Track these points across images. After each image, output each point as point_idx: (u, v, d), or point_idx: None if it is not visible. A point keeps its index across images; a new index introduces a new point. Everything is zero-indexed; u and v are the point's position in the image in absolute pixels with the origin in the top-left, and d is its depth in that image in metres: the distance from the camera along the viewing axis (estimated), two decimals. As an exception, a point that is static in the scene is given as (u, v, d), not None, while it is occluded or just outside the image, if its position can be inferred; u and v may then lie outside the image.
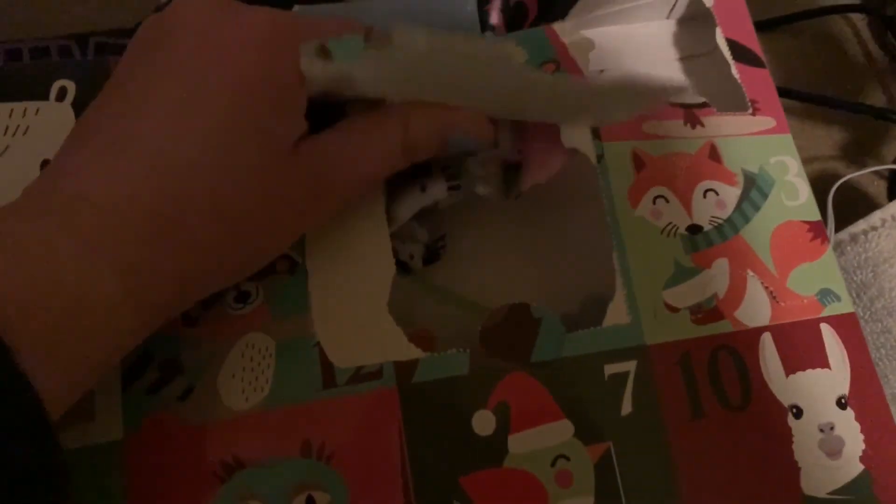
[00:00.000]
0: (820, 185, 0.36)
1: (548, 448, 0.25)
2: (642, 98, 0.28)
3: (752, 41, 0.33)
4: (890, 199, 0.41)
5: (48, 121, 0.27)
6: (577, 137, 0.28)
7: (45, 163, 0.27)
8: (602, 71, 0.34)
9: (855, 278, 0.34)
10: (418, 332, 0.28)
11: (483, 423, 0.25)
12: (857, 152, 0.42)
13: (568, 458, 0.25)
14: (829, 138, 0.42)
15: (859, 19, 0.45)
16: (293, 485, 0.24)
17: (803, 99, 0.40)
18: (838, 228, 0.36)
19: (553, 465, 0.25)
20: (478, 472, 0.25)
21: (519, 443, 0.25)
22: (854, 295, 0.34)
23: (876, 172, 0.42)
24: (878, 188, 0.42)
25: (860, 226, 0.34)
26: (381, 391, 0.25)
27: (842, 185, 0.38)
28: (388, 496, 0.24)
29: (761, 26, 0.43)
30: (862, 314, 0.33)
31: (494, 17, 0.35)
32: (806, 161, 0.40)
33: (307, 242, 0.26)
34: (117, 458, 0.23)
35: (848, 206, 0.37)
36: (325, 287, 0.26)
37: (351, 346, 0.25)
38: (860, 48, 0.44)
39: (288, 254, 0.26)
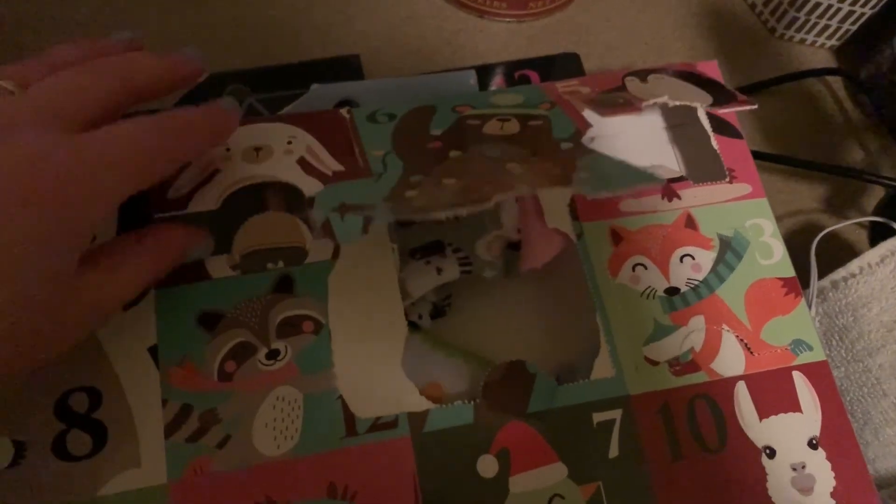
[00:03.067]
0: (804, 237, 0.39)
1: (544, 488, 0.28)
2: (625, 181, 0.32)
3: (730, 114, 0.36)
4: (871, 247, 0.44)
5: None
6: (558, 219, 0.32)
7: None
8: (592, 138, 0.38)
9: (837, 322, 0.36)
10: (429, 386, 0.31)
11: (487, 466, 0.29)
12: (839, 205, 0.45)
13: (563, 497, 0.28)
14: (812, 192, 0.45)
15: (836, 82, 0.48)
16: (320, 523, 0.27)
17: (783, 162, 0.43)
18: (823, 275, 0.38)
19: (549, 503, 0.28)
20: (482, 510, 0.28)
21: (519, 484, 0.28)
22: (837, 338, 0.36)
23: (857, 223, 0.45)
24: (860, 237, 0.45)
25: (840, 273, 0.37)
26: (397, 439, 0.28)
27: (826, 235, 0.41)
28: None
29: (748, 90, 0.47)
30: (844, 355, 0.36)
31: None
32: (790, 214, 0.43)
33: (330, 307, 0.30)
34: (162, 500, 0.27)
35: (832, 255, 0.40)
36: (346, 346, 0.29)
37: (370, 398, 0.29)
38: (838, 108, 0.47)
39: (313, 316, 0.30)
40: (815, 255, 0.38)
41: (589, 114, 0.34)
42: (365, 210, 0.29)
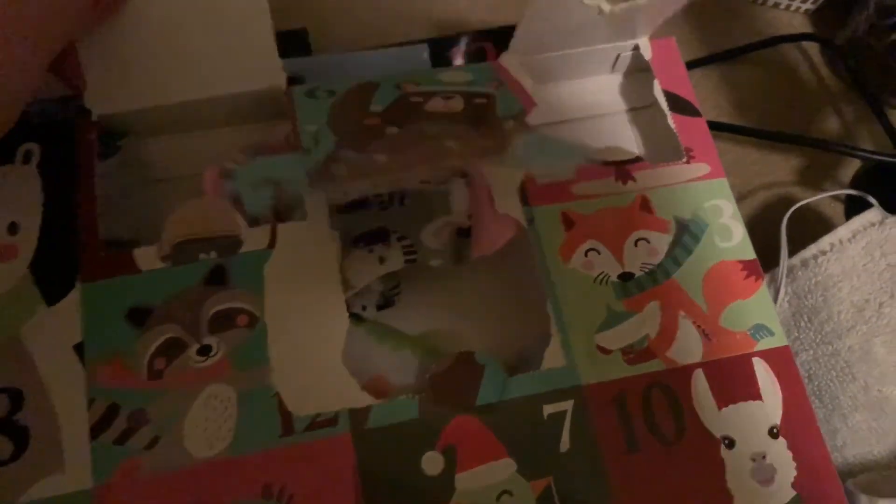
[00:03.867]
0: (778, 211, 0.37)
1: (493, 485, 0.27)
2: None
3: (688, 92, 0.35)
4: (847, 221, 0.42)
5: (14, 183, 0.30)
6: (508, 204, 0.31)
7: (12, 225, 0.29)
8: (550, 124, 0.36)
9: (806, 303, 0.35)
10: (374, 380, 0.30)
11: (432, 464, 0.27)
12: (815, 177, 0.43)
13: (511, 494, 0.27)
14: (786, 163, 0.43)
15: (812, 48, 0.46)
16: (255, 527, 0.26)
17: (754, 135, 0.41)
18: (796, 253, 0.37)
19: (498, 500, 0.27)
20: (427, 509, 0.27)
21: (466, 481, 0.27)
22: (805, 319, 0.35)
23: (833, 196, 0.43)
24: (836, 210, 0.43)
25: (811, 250, 0.36)
26: (337, 437, 0.27)
27: (801, 209, 0.39)
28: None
29: (721, 57, 0.45)
30: (813, 338, 0.34)
31: (458, 61, 0.37)
32: (764, 187, 0.42)
33: (266, 299, 0.28)
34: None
35: (807, 231, 0.38)
36: (282, 340, 0.28)
37: (308, 395, 0.28)
38: (814, 75, 0.46)
39: (247, 309, 0.28)
40: (789, 230, 0.36)
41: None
42: (284, 184, 0.28)
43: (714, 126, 0.41)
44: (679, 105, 0.34)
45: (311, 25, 0.38)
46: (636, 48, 0.35)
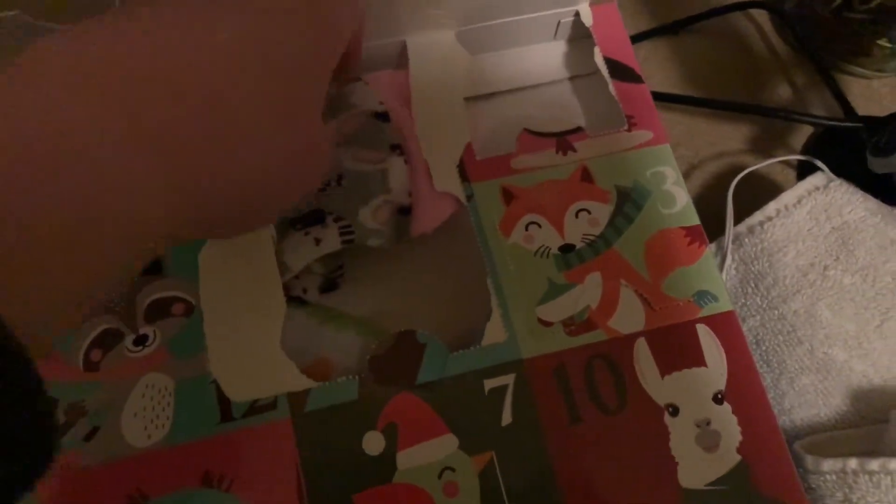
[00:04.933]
0: (728, 180, 0.37)
1: (434, 462, 0.27)
2: None
3: (630, 58, 0.34)
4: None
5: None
6: (447, 181, 0.31)
7: None
8: (493, 93, 0.36)
9: (753, 269, 0.35)
10: (317, 363, 0.30)
11: (373, 443, 0.27)
12: (765, 145, 0.43)
13: (454, 470, 0.27)
14: (737, 132, 0.43)
15: (761, 15, 0.46)
16: (195, 513, 0.26)
17: (702, 105, 0.41)
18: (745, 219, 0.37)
19: (440, 477, 0.27)
20: (370, 489, 0.27)
21: (407, 459, 0.27)
22: (752, 285, 0.35)
23: (786, 163, 0.43)
24: (788, 177, 0.43)
25: (757, 217, 0.36)
26: (276, 421, 0.27)
27: (753, 178, 0.39)
28: (289, 516, 0.26)
29: (667, 29, 0.45)
30: (760, 303, 0.34)
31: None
32: (715, 157, 0.42)
33: (201, 286, 0.28)
34: (27, 500, 0.25)
35: (758, 199, 0.38)
36: (219, 327, 0.28)
37: (246, 381, 0.27)
38: (764, 43, 0.45)
39: (183, 297, 0.28)
40: (742, 199, 0.36)
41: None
42: None
43: (663, 97, 0.41)
44: (621, 72, 0.34)
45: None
46: (577, 15, 0.35)
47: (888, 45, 0.42)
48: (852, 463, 0.28)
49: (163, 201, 0.19)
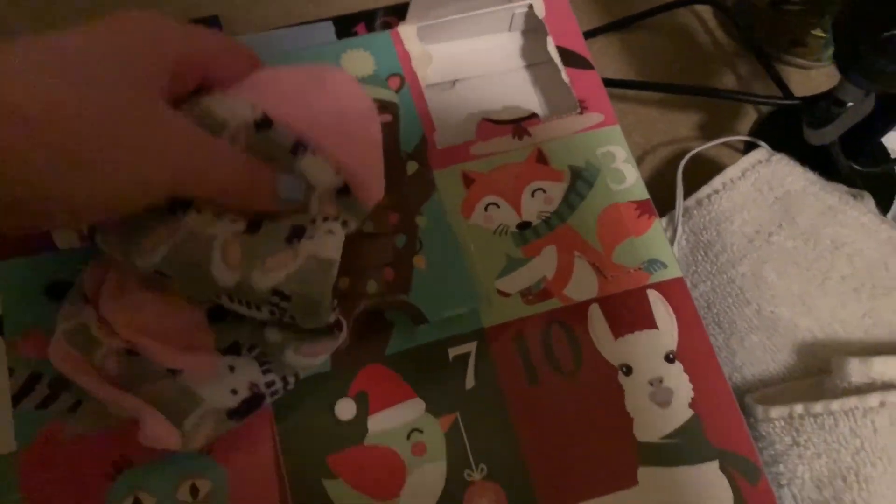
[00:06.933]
0: (680, 161, 0.39)
1: (403, 424, 0.29)
2: None
3: (581, 46, 0.37)
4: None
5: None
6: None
7: None
8: (454, 82, 0.38)
9: (702, 238, 0.37)
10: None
11: (345, 409, 0.29)
12: (713, 130, 0.45)
13: (421, 431, 0.29)
14: (687, 119, 0.45)
15: (706, 11, 0.49)
16: (177, 476, 0.27)
17: (650, 89, 0.44)
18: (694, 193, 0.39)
19: (408, 438, 0.29)
20: (342, 450, 0.28)
21: (377, 422, 0.29)
22: (702, 253, 0.37)
23: (729, 145, 0.45)
24: (735, 159, 0.45)
25: (705, 191, 0.38)
26: (253, 390, 0.29)
27: (702, 160, 0.41)
28: (263, 478, 0.28)
29: (618, 25, 0.47)
30: (710, 269, 0.36)
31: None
32: (667, 143, 0.44)
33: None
34: (10, 469, 0.27)
35: (708, 177, 0.40)
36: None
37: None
38: (709, 37, 0.48)
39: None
40: (691, 179, 0.38)
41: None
42: None
43: (615, 83, 0.44)
44: (572, 59, 0.36)
45: (223, 12, 0.40)
46: (530, 7, 0.37)
47: (822, 34, 0.44)
48: (798, 408, 0.30)
49: None
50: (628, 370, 0.30)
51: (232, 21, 0.41)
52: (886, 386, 0.29)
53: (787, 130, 0.42)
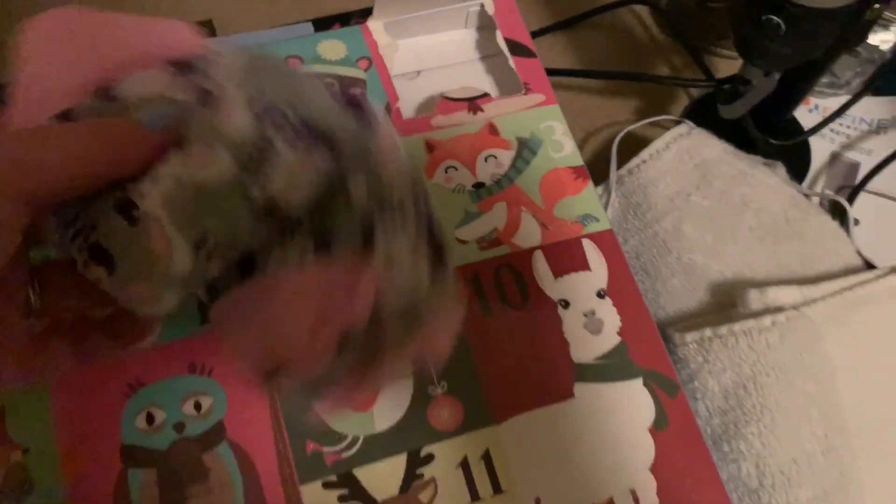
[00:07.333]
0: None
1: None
2: None
3: (526, 38, 0.43)
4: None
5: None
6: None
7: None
8: (419, 72, 0.44)
9: (632, 201, 0.43)
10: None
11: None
12: (650, 114, 0.51)
13: (389, 356, 0.34)
14: (626, 106, 0.51)
15: (644, 10, 0.55)
16: (183, 393, 0.32)
17: (591, 76, 0.50)
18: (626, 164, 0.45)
19: (381, 362, 0.34)
20: (324, 372, 0.34)
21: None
22: (632, 213, 0.42)
23: (660, 125, 0.50)
24: (667, 139, 0.51)
25: (634, 161, 0.44)
26: (247, 322, 0.34)
27: (636, 139, 0.47)
28: (257, 395, 0.33)
29: (563, 24, 0.54)
30: (638, 225, 0.42)
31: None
32: (608, 126, 0.50)
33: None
34: (45, 394, 0.32)
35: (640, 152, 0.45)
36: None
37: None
38: (647, 34, 0.54)
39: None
40: (627, 154, 0.44)
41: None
42: None
43: (557, 72, 0.50)
44: (518, 49, 0.42)
45: (217, 17, 0.45)
46: (482, 6, 0.43)
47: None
48: (707, 331, 0.36)
49: None
50: (566, 304, 0.36)
51: (224, 24, 0.46)
52: (778, 309, 0.35)
53: (714, 112, 0.48)
